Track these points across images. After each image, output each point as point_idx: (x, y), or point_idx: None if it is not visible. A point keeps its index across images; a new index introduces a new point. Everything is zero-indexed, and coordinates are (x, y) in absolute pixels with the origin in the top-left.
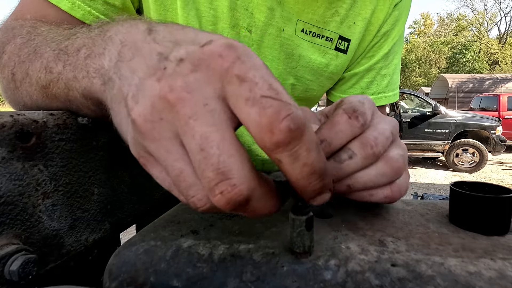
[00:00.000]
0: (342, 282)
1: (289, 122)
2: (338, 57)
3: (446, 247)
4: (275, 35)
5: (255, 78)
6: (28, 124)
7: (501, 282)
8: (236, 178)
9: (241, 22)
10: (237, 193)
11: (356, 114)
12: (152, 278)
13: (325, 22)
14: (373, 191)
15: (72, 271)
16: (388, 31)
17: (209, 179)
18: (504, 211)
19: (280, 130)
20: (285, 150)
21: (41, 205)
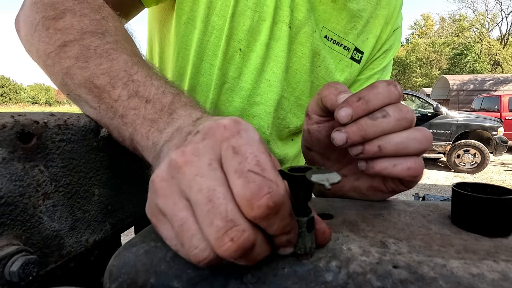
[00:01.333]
0: (343, 283)
1: (268, 200)
2: (352, 66)
3: (448, 249)
4: (309, 34)
5: (246, 153)
6: (29, 125)
7: (504, 284)
8: (243, 225)
9: (283, 18)
10: (246, 238)
11: (395, 84)
12: (152, 280)
13: (345, 33)
14: (397, 160)
15: (72, 272)
16: (387, 50)
17: (218, 227)
18: (506, 212)
19: (259, 206)
20: (262, 222)
21: (42, 205)
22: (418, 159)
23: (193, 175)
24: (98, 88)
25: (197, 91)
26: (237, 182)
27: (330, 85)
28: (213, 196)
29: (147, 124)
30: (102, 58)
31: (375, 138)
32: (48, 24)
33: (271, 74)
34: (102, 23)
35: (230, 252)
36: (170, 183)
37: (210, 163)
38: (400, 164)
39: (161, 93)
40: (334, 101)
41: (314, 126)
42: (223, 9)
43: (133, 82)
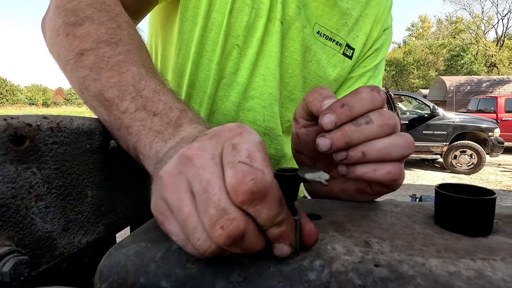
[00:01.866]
0: (326, 282)
1: (252, 185)
2: (344, 62)
3: (429, 248)
4: (299, 29)
5: (241, 148)
6: (22, 128)
7: (480, 281)
8: (234, 213)
9: (276, 14)
10: (235, 226)
11: (378, 89)
12: (142, 279)
13: (337, 29)
14: (377, 165)
15: (65, 273)
16: (378, 48)
17: (211, 215)
18: (486, 212)
19: (244, 192)
20: (249, 207)
21: (34, 207)
22: (397, 164)
23: (197, 167)
24: (108, 101)
25: (196, 87)
26: (228, 172)
27: (315, 91)
28: (209, 186)
29: (152, 135)
30: (113, 70)
31: (359, 144)
32: (68, 30)
33: (265, 69)
34: (117, 32)
35: (221, 239)
36: (178, 178)
37: (213, 157)
38: (380, 169)
39: (168, 108)
40: (319, 107)
41: (302, 130)
42: (222, 5)
43: (142, 98)
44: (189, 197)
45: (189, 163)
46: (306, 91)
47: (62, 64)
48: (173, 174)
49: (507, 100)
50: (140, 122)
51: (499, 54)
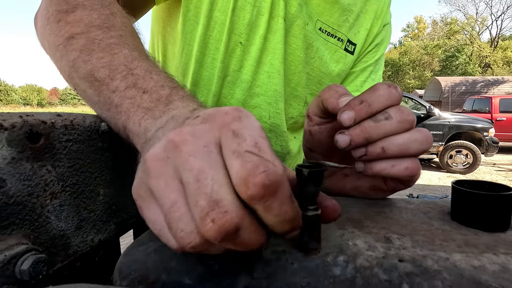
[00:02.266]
0: (351, 277)
1: (264, 178)
2: (346, 57)
3: (450, 243)
4: (301, 26)
5: (245, 135)
6: (37, 125)
7: (505, 275)
8: (227, 206)
9: (279, 12)
10: (228, 220)
11: (395, 86)
12: (163, 276)
13: (338, 25)
14: (395, 161)
15: (78, 272)
16: (378, 44)
17: (201, 207)
18: (504, 208)
19: (255, 184)
20: (259, 203)
21: (49, 205)
22: (414, 159)
23: (187, 155)
24: (98, 81)
25: (200, 85)
26: (235, 162)
27: (331, 88)
28: (201, 176)
29: (141, 112)
30: (104, 52)
31: (378, 140)
32: (60, 17)
33: (270, 66)
34: (110, 18)
35: (211, 233)
36: (164, 163)
37: (206, 145)
38: (398, 165)
39: (159, 86)
40: (336, 104)
41: (315, 127)
42: (225, 4)
43: (132, 76)
44: (177, 184)
45: (177, 149)
46: (309, 87)
47: (52, 51)
48: (159, 158)
49: (502, 100)
50: (130, 99)
51: (493, 55)
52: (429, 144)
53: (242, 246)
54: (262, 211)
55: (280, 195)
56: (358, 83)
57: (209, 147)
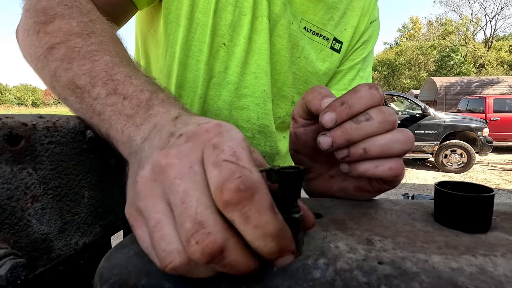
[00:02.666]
0: (331, 280)
1: (238, 183)
2: (333, 55)
3: (431, 245)
4: (286, 26)
5: (224, 147)
6: (17, 127)
7: (481, 277)
8: (211, 227)
9: (262, 12)
10: (212, 241)
11: (376, 86)
12: (143, 280)
13: (323, 23)
14: (379, 161)
15: (61, 275)
16: (366, 41)
17: (187, 229)
18: (485, 209)
19: (229, 189)
20: (235, 210)
21: (30, 208)
22: (398, 160)
23: (173, 177)
24: (79, 88)
25: (185, 88)
26: (213, 173)
27: (314, 89)
28: (187, 198)
29: (123, 119)
30: (85, 59)
31: (360, 141)
32: (39, 28)
33: (256, 67)
34: (89, 25)
35: (197, 255)
36: (153, 185)
37: (191, 166)
38: (381, 165)
39: (139, 90)
40: (318, 105)
41: (300, 129)
42: (206, 5)
43: (113, 81)
44: (163, 205)
45: (164, 172)
46: (296, 87)
47: (34, 62)
48: (148, 179)
49: (496, 100)
50: (111, 107)
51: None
52: (411, 144)
53: (231, 268)
54: (240, 222)
55: (257, 202)
56: (346, 82)
57: (193, 167)
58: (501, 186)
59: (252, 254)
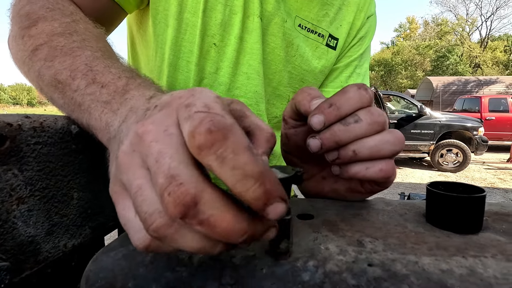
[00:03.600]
0: (320, 282)
1: (209, 125)
2: (328, 53)
3: (422, 246)
4: (280, 24)
5: (196, 103)
6: (2, 128)
7: (471, 279)
8: (183, 178)
9: (254, 10)
10: (183, 192)
11: (365, 87)
12: (130, 284)
13: (318, 20)
14: (369, 163)
15: (50, 279)
16: (362, 37)
17: (160, 185)
18: (476, 210)
19: (200, 132)
20: (209, 154)
21: (16, 210)
22: (389, 161)
23: (149, 142)
24: (61, 83)
25: (176, 89)
26: (185, 126)
27: (304, 90)
28: (160, 157)
29: (101, 106)
30: (66, 56)
31: (350, 143)
32: (23, 33)
33: (248, 67)
34: (71, 25)
35: (170, 208)
36: (132, 156)
37: (166, 129)
38: (372, 167)
39: (117, 78)
40: (308, 107)
41: (291, 130)
42: (195, 5)
43: (92, 72)
44: (143, 172)
45: (141, 140)
46: (292, 86)
47: (22, 67)
48: (127, 152)
49: (491, 100)
50: (90, 96)
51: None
52: (401, 144)
53: (211, 227)
54: (217, 166)
55: (232, 143)
56: (343, 79)
57: (168, 130)
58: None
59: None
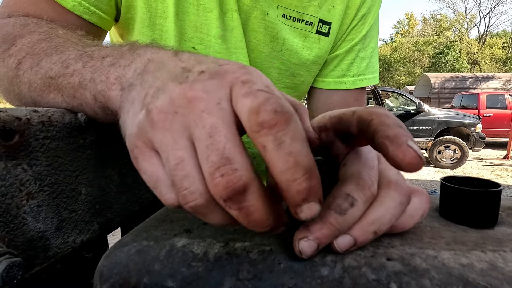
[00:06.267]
0: (339, 277)
1: (275, 105)
2: (320, 40)
3: (439, 241)
4: (260, 18)
5: (256, 81)
6: (11, 122)
7: (492, 273)
8: (238, 164)
9: (230, 6)
10: (237, 177)
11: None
12: (145, 279)
13: (303, 7)
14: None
15: (59, 274)
16: (365, 15)
17: (212, 163)
18: (492, 204)
19: (266, 110)
20: (269, 134)
21: (26, 206)
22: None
23: (200, 111)
24: (53, 78)
25: None
26: (246, 100)
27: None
28: (215, 132)
29: (106, 70)
30: (51, 55)
31: (367, 225)
32: (4, 57)
33: None
34: (50, 31)
35: (219, 188)
36: (173, 117)
37: (219, 102)
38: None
39: (118, 46)
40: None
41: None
42: (165, 9)
43: (86, 54)
44: (185, 141)
45: (189, 105)
46: (282, 81)
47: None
48: (166, 111)
49: (489, 97)
50: (90, 68)
51: (481, 52)
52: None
53: (247, 215)
54: (273, 148)
55: (292, 129)
56: (344, 67)
57: (222, 104)
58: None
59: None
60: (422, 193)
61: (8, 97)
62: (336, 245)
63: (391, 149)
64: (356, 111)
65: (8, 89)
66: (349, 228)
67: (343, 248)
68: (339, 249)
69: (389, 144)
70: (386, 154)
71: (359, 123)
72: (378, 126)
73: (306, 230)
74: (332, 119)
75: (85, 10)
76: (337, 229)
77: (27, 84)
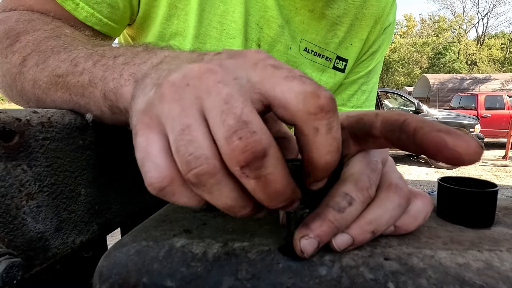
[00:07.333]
0: (337, 277)
1: (327, 93)
2: (336, 76)
3: (436, 240)
4: (283, 51)
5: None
6: (11, 122)
7: (489, 272)
8: (257, 127)
9: (252, 36)
10: (257, 140)
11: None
12: (144, 279)
13: (326, 43)
14: None
15: (58, 275)
16: (375, 52)
17: (229, 126)
18: (489, 204)
19: (325, 96)
20: (325, 118)
21: (25, 206)
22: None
23: (215, 81)
24: (61, 76)
25: None
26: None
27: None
28: (231, 99)
29: (119, 68)
30: (59, 53)
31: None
32: (6, 53)
33: None
34: (57, 29)
35: (236, 152)
36: (184, 90)
37: (237, 77)
38: None
39: (131, 47)
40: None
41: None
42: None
43: (96, 52)
44: (194, 112)
45: (203, 76)
46: None
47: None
48: (177, 85)
49: (487, 98)
50: (102, 67)
51: (479, 53)
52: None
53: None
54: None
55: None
56: (345, 97)
57: (240, 80)
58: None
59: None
60: (425, 196)
61: (9, 94)
62: (334, 243)
63: (451, 140)
64: (380, 113)
65: (10, 86)
66: (347, 227)
67: (341, 246)
68: (337, 247)
69: (446, 136)
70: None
71: (385, 124)
72: (418, 124)
73: (306, 229)
74: (350, 118)
75: (97, 21)
76: (336, 227)
77: (31, 81)
